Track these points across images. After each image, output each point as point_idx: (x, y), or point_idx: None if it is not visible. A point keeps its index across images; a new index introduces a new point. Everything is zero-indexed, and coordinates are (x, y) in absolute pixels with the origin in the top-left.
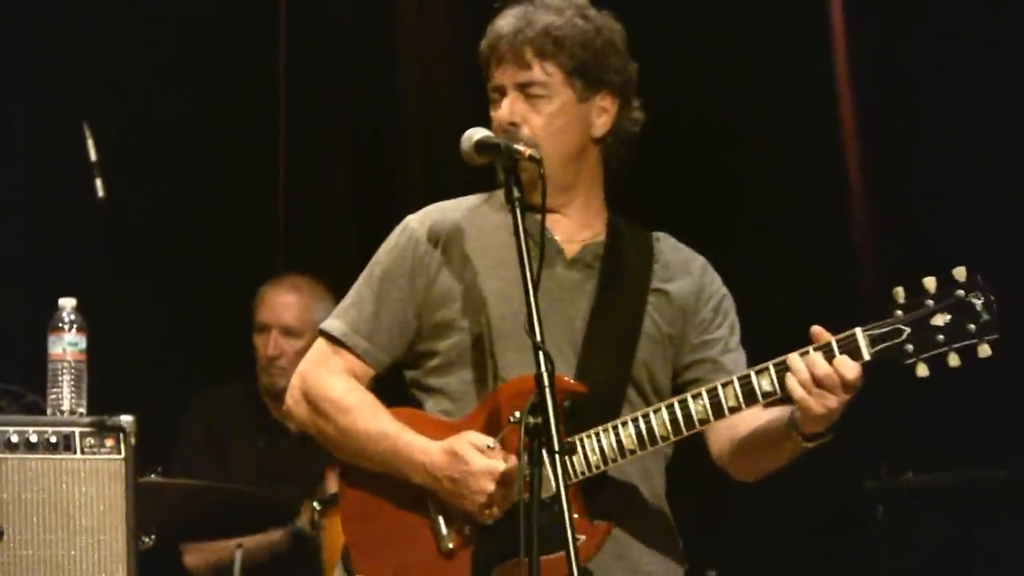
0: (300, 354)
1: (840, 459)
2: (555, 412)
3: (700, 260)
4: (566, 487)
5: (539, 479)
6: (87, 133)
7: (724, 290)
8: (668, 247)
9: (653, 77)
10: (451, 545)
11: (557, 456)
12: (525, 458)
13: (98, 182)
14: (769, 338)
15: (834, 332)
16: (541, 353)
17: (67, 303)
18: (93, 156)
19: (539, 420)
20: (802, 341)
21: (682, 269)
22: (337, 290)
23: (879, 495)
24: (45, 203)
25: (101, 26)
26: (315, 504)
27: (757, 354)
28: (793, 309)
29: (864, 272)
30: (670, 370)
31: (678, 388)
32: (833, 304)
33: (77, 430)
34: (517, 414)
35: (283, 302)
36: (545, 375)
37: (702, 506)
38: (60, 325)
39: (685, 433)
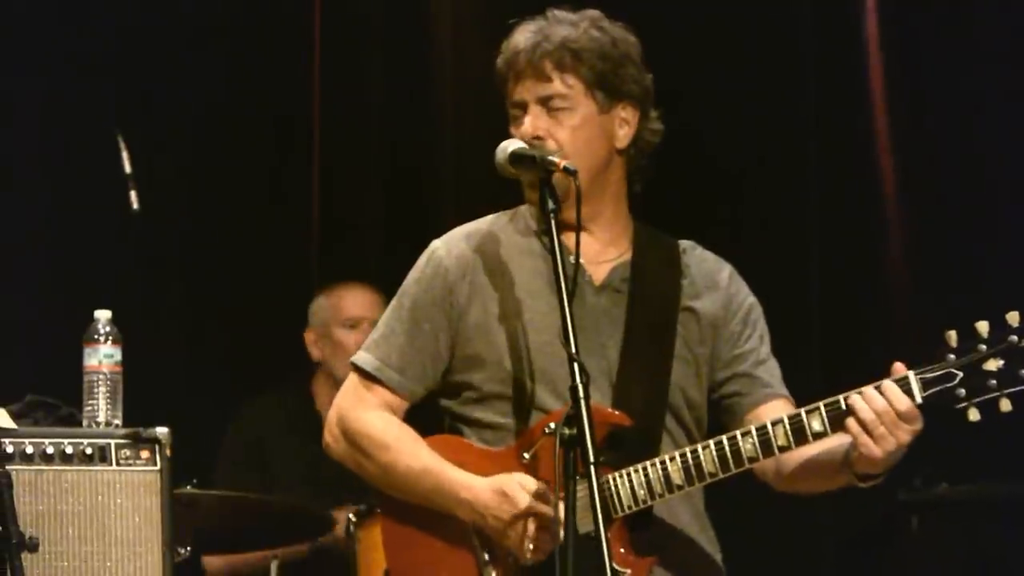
0: None
1: None
2: (590, 423)
3: (727, 270)
4: (602, 502)
5: (574, 509)
6: (121, 144)
7: (751, 298)
8: (695, 259)
9: (680, 95)
10: (493, 574)
11: (592, 467)
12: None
13: (132, 194)
14: (804, 363)
15: (873, 363)
16: (576, 364)
17: (102, 315)
18: (127, 168)
19: (574, 431)
20: (836, 366)
21: (709, 283)
22: None
23: (913, 507)
24: (79, 215)
25: (134, 37)
26: (350, 515)
27: (792, 379)
28: (827, 331)
29: (899, 292)
30: (704, 388)
31: (715, 403)
32: (867, 322)
33: (112, 442)
34: (552, 425)
35: (370, 298)
36: (580, 386)
37: (736, 518)
38: (95, 337)
39: (734, 470)
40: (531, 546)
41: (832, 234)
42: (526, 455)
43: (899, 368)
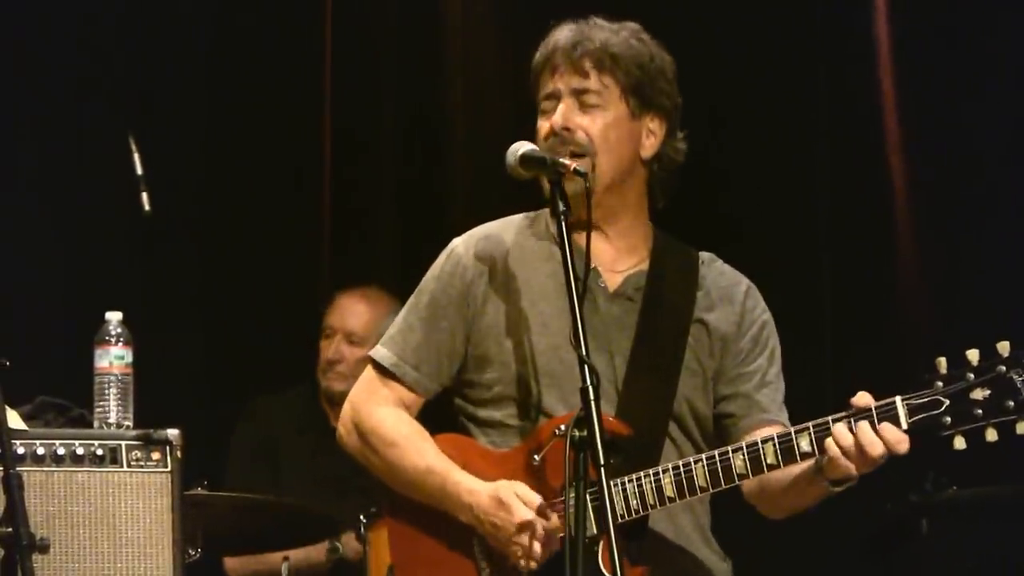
0: (361, 363)
1: (885, 473)
2: (600, 426)
3: (743, 285)
4: (611, 506)
5: (583, 510)
6: (133, 146)
7: (766, 316)
8: (713, 271)
9: (689, 102)
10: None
11: (603, 470)
12: (570, 471)
13: (144, 196)
14: (816, 370)
15: (877, 378)
16: (586, 367)
17: (113, 317)
18: (139, 170)
19: (584, 434)
20: (848, 375)
21: (724, 296)
22: None
23: (923, 509)
24: (90, 217)
25: (145, 40)
26: (361, 517)
27: (800, 392)
28: (837, 337)
29: (910, 295)
30: (711, 400)
31: (714, 418)
32: (877, 328)
33: (123, 443)
34: (562, 427)
35: (352, 309)
36: (590, 388)
37: (746, 519)
38: (106, 338)
39: (724, 486)
40: (523, 556)
41: (843, 239)
42: (536, 457)
43: (860, 399)
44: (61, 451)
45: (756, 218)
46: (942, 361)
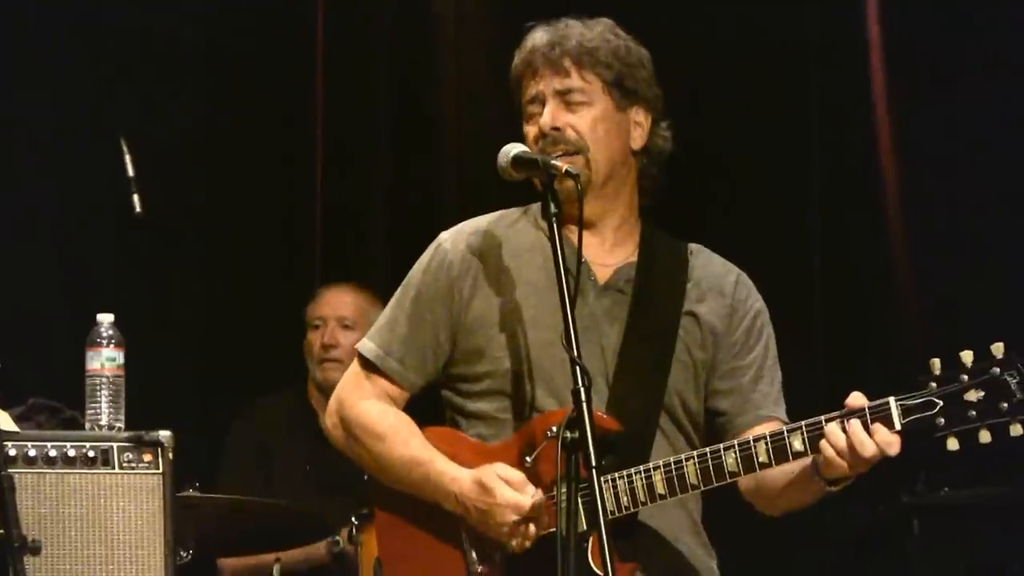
0: (355, 350)
1: (876, 474)
2: (592, 428)
3: (733, 275)
4: (603, 507)
5: (574, 507)
6: (124, 148)
7: (759, 305)
8: (702, 262)
9: (680, 100)
10: (479, 570)
11: (594, 471)
12: (561, 471)
13: (135, 197)
14: (808, 371)
15: (871, 379)
16: (578, 368)
17: (105, 318)
18: (130, 171)
19: (576, 435)
20: (840, 374)
21: (714, 287)
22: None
23: (915, 510)
24: (82, 218)
25: (137, 42)
26: (352, 519)
27: (793, 393)
28: (831, 343)
29: (902, 296)
30: (703, 393)
31: (709, 414)
32: (871, 329)
33: (115, 445)
34: (554, 428)
35: (341, 298)
36: (582, 390)
37: (737, 522)
38: (98, 340)
39: (715, 484)
40: (511, 536)
41: (835, 240)
42: (528, 459)
43: (854, 399)
44: (53, 453)
45: (747, 220)
46: (936, 362)
